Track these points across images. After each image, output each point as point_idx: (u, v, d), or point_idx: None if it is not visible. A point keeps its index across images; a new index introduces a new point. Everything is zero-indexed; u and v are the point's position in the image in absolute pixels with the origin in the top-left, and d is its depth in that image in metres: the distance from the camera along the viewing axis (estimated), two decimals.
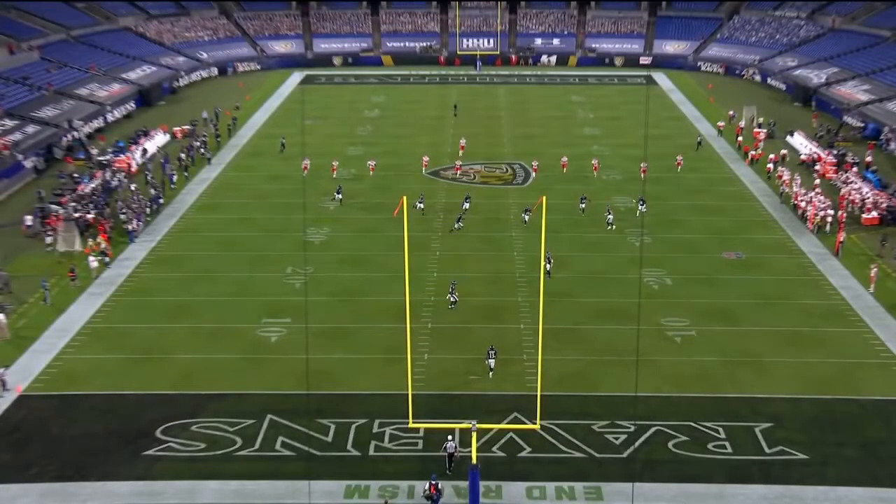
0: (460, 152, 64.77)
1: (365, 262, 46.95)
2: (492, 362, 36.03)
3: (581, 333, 39.58)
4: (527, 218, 47.97)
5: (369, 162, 62.06)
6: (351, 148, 68.29)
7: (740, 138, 69.23)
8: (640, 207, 51.98)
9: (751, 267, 47.08)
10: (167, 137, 70.15)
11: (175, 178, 59.28)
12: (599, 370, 36.70)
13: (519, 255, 47.55)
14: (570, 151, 66.29)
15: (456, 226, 49.81)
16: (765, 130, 71.08)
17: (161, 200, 55.39)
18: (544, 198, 29.31)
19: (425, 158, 61.83)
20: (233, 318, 41.07)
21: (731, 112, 76.11)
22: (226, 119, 76.93)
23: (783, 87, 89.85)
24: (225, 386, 35.40)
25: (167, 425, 32.61)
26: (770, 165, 61.93)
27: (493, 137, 71.30)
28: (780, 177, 59.25)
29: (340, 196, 54.63)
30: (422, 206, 52.75)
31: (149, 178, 59.29)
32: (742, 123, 72.67)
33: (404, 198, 29.31)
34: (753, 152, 64.59)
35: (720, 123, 72.73)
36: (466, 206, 52.56)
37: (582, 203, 51.95)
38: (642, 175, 55.00)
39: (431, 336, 39.11)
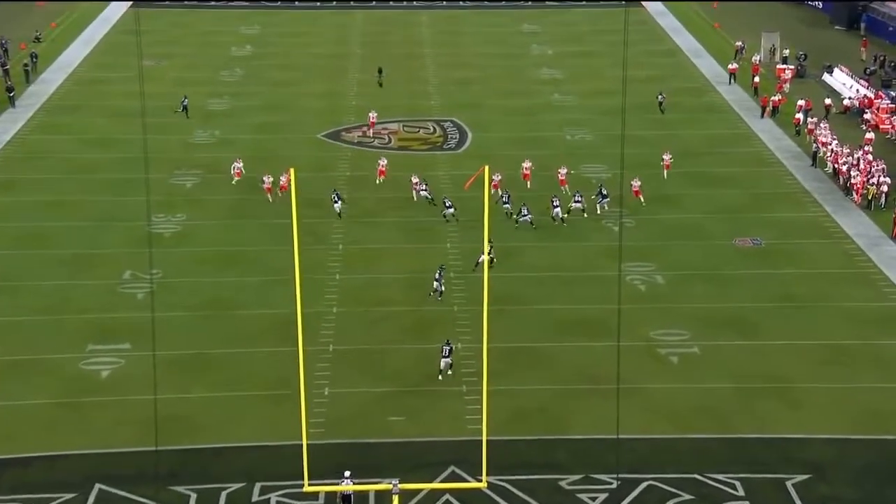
0: (372, 118, 64.61)
1: (236, 261, 46.98)
2: (447, 361, 37.38)
3: (542, 354, 39.55)
4: (481, 260, 45.08)
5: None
6: (213, 101, 68.43)
7: (757, 79, 69.13)
8: (599, 202, 51.68)
9: (774, 257, 47.38)
10: None
11: None
12: (568, 404, 36.55)
13: (453, 248, 47.61)
14: (522, 102, 66.90)
15: (448, 212, 50.31)
16: (791, 67, 71.22)
17: None
18: (486, 167, 28.41)
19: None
20: (43, 345, 40.42)
21: (738, 43, 76.04)
22: (21, 55, 75.67)
23: (818, 3, 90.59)
24: (30, 446, 34.55)
25: None
26: (799, 116, 62.34)
27: (415, 85, 72.04)
28: (812, 131, 59.55)
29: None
30: (425, 192, 52.76)
31: None
32: (758, 58, 72.76)
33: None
34: (775, 98, 64.63)
35: (732, 66, 71.82)
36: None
37: (554, 207, 50.82)
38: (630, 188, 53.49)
39: (334, 363, 39.08)
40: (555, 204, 49.06)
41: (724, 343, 40.54)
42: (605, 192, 50.36)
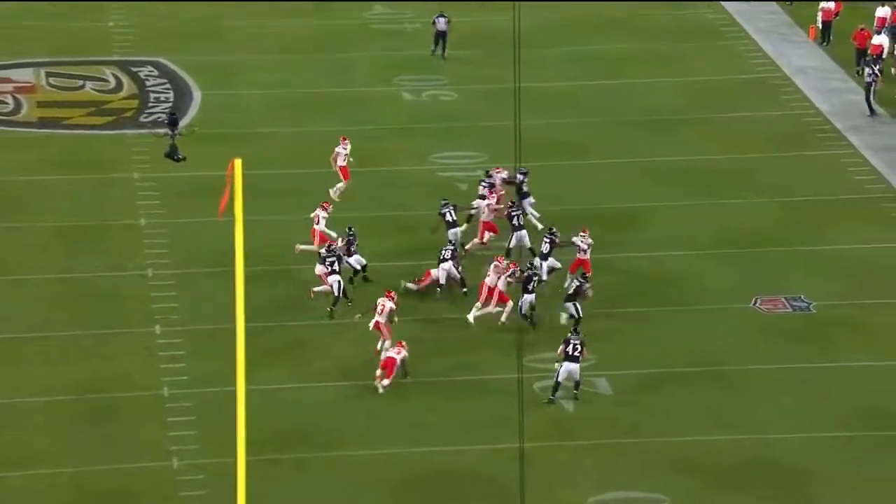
0: None
1: None
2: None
3: None
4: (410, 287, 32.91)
5: None
6: None
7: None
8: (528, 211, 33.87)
9: (829, 338, 27.58)
10: None
11: None
12: None
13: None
14: (305, 24, 50.52)
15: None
16: None
17: None
18: (238, 162, 18.74)
19: None
20: None
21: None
22: None
23: None
24: None
25: None
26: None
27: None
28: None
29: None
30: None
31: None
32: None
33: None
34: None
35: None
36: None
37: (550, 240, 30.66)
38: None
39: None
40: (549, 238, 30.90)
41: None
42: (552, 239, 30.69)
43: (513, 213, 32.91)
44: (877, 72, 40.00)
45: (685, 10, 50.10)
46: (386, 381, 28.09)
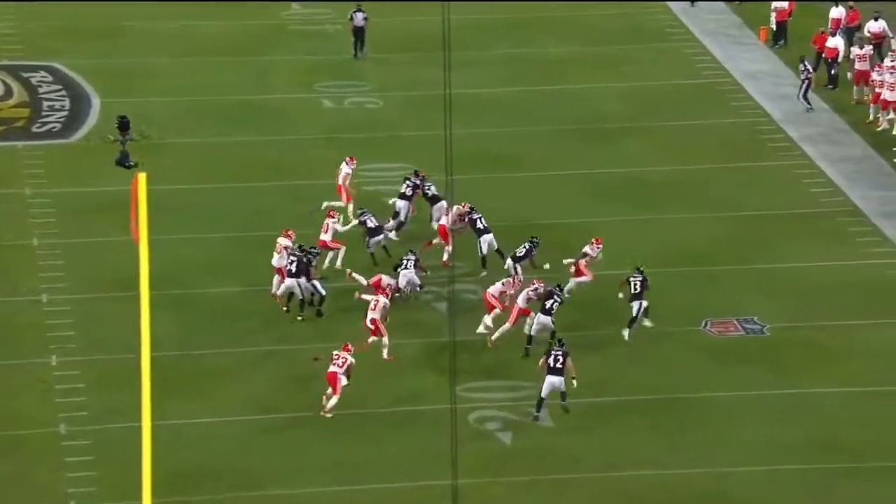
0: None
1: None
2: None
3: None
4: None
5: None
6: None
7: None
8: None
9: (784, 363, 27.81)
10: None
11: None
12: None
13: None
14: (224, 25, 49.61)
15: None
16: None
17: None
18: (142, 176, 18.70)
19: None
20: None
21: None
22: None
23: None
24: None
25: None
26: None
27: None
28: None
29: None
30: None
31: None
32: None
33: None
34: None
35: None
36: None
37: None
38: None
39: None
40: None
41: None
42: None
43: (474, 217, 32.82)
44: (811, 69, 40.13)
45: (627, 9, 49.85)
46: (334, 400, 27.83)
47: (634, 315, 30.93)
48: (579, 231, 35.52)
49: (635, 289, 31.39)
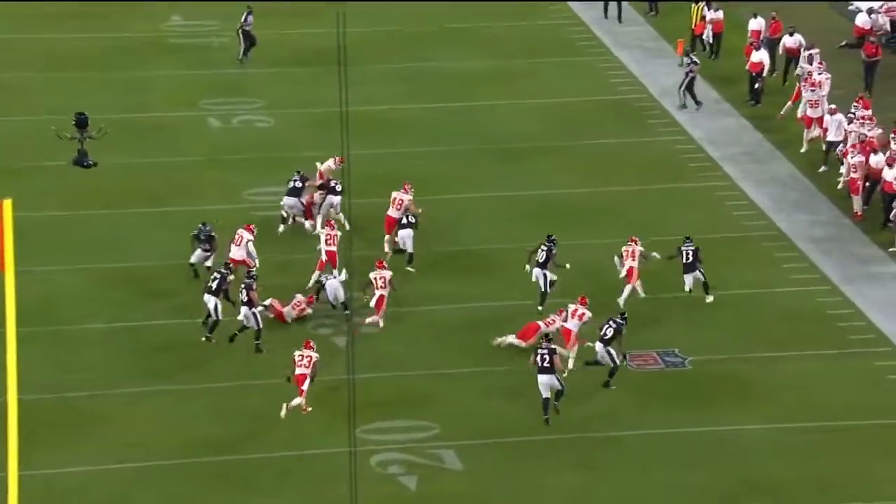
0: None
1: None
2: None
3: None
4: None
5: None
6: None
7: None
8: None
9: (706, 399, 28.21)
10: None
11: None
12: None
13: None
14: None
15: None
16: None
17: None
18: (7, 203, 19.08)
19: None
20: None
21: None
22: None
23: None
24: None
25: None
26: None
27: None
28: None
29: None
30: None
31: None
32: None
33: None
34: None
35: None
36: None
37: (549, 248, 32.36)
38: None
39: None
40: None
41: None
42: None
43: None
44: (695, 60, 40.12)
45: (536, 21, 49.04)
46: (299, 400, 28.28)
47: (689, 289, 30.98)
48: (487, 256, 35.09)
49: (687, 258, 31.42)
